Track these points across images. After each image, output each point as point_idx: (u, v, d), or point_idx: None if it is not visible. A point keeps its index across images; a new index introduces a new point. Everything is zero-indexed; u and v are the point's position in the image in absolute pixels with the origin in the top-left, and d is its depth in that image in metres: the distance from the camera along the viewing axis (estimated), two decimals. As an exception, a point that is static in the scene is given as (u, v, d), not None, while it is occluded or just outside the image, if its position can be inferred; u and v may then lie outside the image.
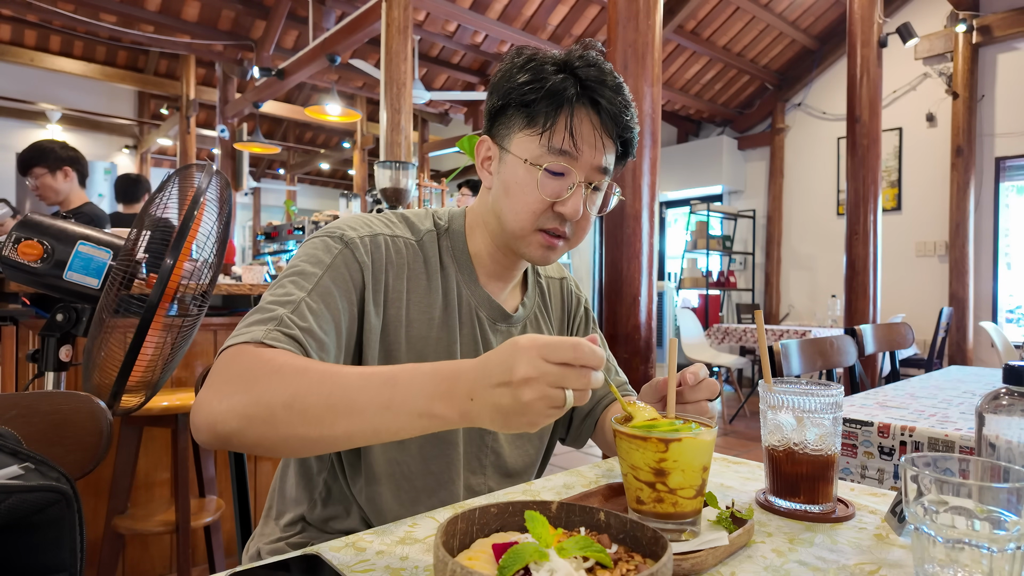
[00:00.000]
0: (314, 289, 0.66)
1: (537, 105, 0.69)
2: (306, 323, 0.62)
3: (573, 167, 0.70)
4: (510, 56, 0.74)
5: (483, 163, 0.77)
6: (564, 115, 0.69)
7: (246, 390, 0.54)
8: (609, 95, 0.70)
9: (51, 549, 0.47)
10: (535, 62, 0.71)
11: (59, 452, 0.65)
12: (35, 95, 6.97)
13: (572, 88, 0.69)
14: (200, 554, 1.83)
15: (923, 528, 0.43)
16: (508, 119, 0.73)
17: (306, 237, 0.73)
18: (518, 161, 0.71)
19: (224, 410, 0.54)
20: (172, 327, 1.20)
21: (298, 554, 0.50)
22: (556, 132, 0.69)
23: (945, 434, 1.01)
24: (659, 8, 2.33)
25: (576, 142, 0.69)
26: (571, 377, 0.46)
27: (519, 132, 0.71)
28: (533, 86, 0.69)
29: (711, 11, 5.42)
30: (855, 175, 3.62)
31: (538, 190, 0.70)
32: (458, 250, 0.78)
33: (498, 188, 0.74)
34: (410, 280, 0.74)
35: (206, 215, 1.13)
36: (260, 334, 0.59)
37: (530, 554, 0.38)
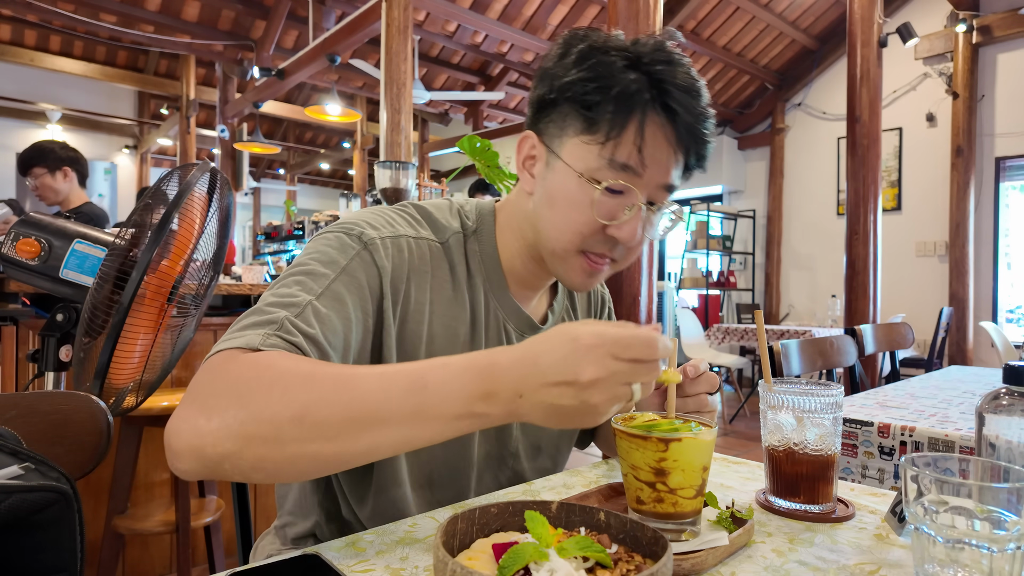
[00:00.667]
0: (324, 293, 0.56)
1: (600, 108, 0.58)
2: (312, 329, 0.53)
3: (635, 185, 0.60)
4: (565, 40, 0.62)
5: (525, 163, 0.67)
6: (634, 124, 0.58)
7: (241, 404, 0.45)
8: (689, 102, 0.59)
9: (51, 549, 0.47)
10: (600, 52, 0.59)
11: (59, 452, 0.65)
12: (35, 95, 6.97)
13: (646, 91, 0.58)
14: (200, 554, 1.83)
15: (923, 528, 0.43)
16: (561, 118, 0.62)
17: (318, 232, 0.63)
18: (570, 172, 0.61)
19: (214, 429, 0.45)
20: (172, 327, 1.20)
21: (298, 554, 0.50)
22: (622, 144, 0.58)
23: (945, 434, 1.01)
24: (659, 8, 2.33)
25: (644, 158, 0.59)
26: (642, 372, 0.43)
27: (574, 136, 0.61)
28: (597, 84, 0.58)
29: (711, 11, 5.42)
30: (855, 175, 3.62)
31: (591, 209, 0.60)
32: (487, 255, 0.69)
33: (541, 197, 0.64)
34: (434, 290, 0.65)
35: (198, 211, 1.13)
36: (256, 339, 0.50)
37: (530, 554, 0.38)
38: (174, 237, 1.10)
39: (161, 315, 1.11)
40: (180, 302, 1.17)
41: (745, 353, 5.32)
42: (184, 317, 1.22)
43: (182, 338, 1.26)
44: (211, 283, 1.25)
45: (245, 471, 0.46)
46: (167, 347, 1.23)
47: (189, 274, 1.19)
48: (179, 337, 1.26)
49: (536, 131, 0.66)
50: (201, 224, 1.18)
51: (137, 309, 1.03)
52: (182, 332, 1.24)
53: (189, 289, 1.18)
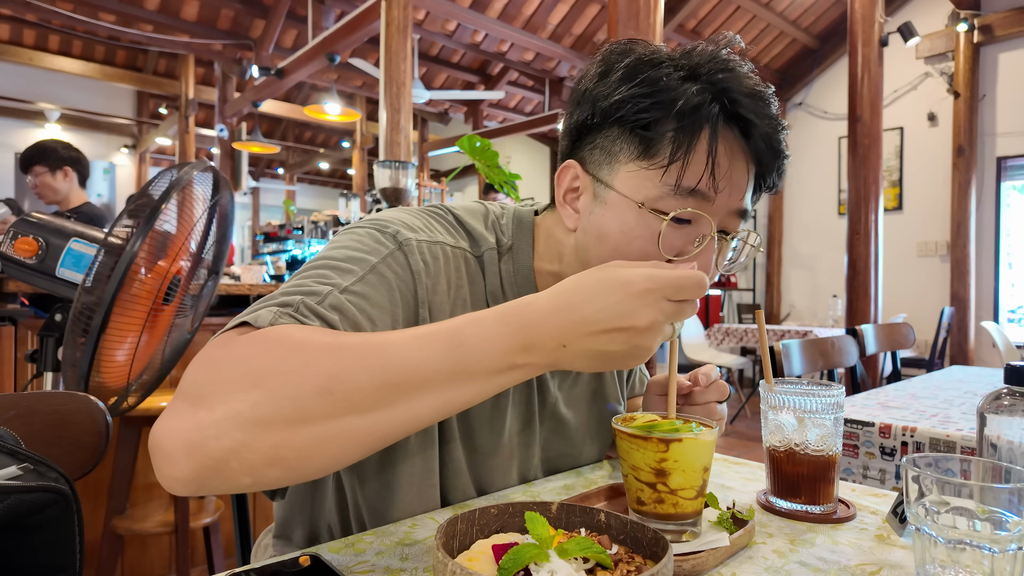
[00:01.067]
0: (348, 289, 0.50)
1: (660, 127, 0.52)
2: (330, 317, 0.47)
3: (707, 212, 0.53)
4: (606, 54, 0.56)
5: (565, 196, 0.59)
6: (702, 141, 0.51)
7: (252, 383, 0.39)
8: (762, 109, 0.52)
9: (50, 549, 0.47)
10: (650, 65, 0.53)
11: (58, 452, 0.65)
12: (34, 94, 6.97)
13: (713, 104, 0.51)
14: (199, 555, 1.83)
15: (924, 529, 0.43)
16: (609, 143, 0.55)
17: (347, 226, 0.58)
18: (627, 203, 0.53)
19: (218, 419, 0.38)
20: (170, 327, 1.20)
21: (298, 554, 0.50)
22: (691, 166, 0.51)
23: (946, 434, 1.01)
24: (659, 7, 2.33)
25: (717, 180, 0.52)
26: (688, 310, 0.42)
27: (628, 162, 0.54)
28: (654, 100, 0.51)
29: (712, 10, 5.42)
30: (856, 175, 3.62)
31: (657, 245, 0.52)
32: (521, 276, 0.63)
33: (589, 233, 0.57)
34: (466, 307, 0.60)
35: (192, 209, 1.12)
36: (265, 317, 0.44)
37: (530, 555, 0.38)
38: (169, 237, 1.10)
39: (155, 314, 1.11)
40: (176, 302, 1.17)
41: (746, 353, 5.32)
42: (182, 318, 1.22)
43: (180, 339, 1.26)
44: (207, 283, 1.25)
45: (257, 467, 0.38)
46: (164, 347, 1.22)
47: (187, 274, 1.19)
48: (177, 338, 1.25)
49: (578, 160, 0.58)
50: (205, 224, 1.18)
51: (131, 308, 1.03)
52: (180, 332, 1.24)
53: (188, 289, 1.18)
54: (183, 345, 1.30)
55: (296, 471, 0.40)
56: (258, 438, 0.38)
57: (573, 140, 0.59)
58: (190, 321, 1.26)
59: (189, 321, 1.26)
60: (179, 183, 1.04)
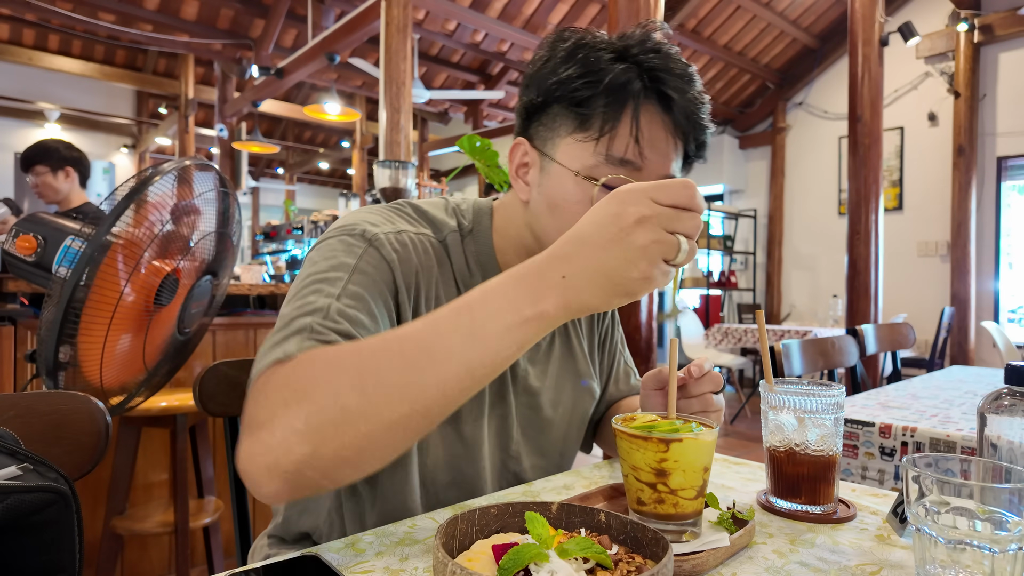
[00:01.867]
0: (342, 294, 0.54)
1: (592, 103, 0.57)
2: (343, 326, 0.52)
3: (635, 179, 0.58)
4: (551, 41, 0.61)
5: (518, 171, 0.65)
6: (628, 115, 0.57)
7: (299, 402, 0.43)
8: (682, 87, 0.57)
9: (49, 550, 0.47)
10: (586, 48, 0.58)
11: (57, 452, 0.65)
12: (33, 94, 6.97)
13: (637, 80, 0.57)
14: (199, 555, 1.83)
15: (924, 529, 0.43)
16: (552, 119, 0.61)
17: (319, 238, 0.62)
18: (566, 173, 0.59)
19: (281, 438, 0.43)
20: (158, 326, 1.19)
21: (298, 554, 0.50)
22: (618, 137, 0.57)
23: (947, 434, 1.01)
24: (659, 7, 2.33)
25: (642, 149, 0.57)
26: (685, 220, 0.42)
27: (567, 136, 0.60)
28: (587, 79, 0.57)
29: (712, 10, 5.42)
30: (856, 174, 3.62)
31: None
32: (484, 255, 0.68)
33: (539, 204, 0.62)
34: (441, 286, 0.64)
35: (186, 207, 1.11)
36: (292, 348, 0.49)
37: (530, 555, 0.38)
38: (170, 236, 1.09)
39: (135, 312, 1.10)
40: (178, 303, 1.17)
41: (746, 353, 5.32)
42: (182, 324, 1.22)
43: (174, 340, 1.26)
44: (198, 283, 1.23)
45: (329, 470, 0.44)
46: (169, 347, 1.22)
47: (186, 273, 1.19)
48: (178, 339, 1.25)
49: (527, 137, 0.64)
50: (215, 224, 1.18)
51: (102, 302, 1.02)
52: (180, 333, 1.24)
53: (181, 288, 1.17)
54: (180, 346, 1.29)
55: (364, 464, 0.45)
56: (320, 445, 0.43)
57: (524, 120, 0.64)
58: (190, 319, 1.25)
59: (189, 319, 1.25)
60: (156, 173, 1.03)
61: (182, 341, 1.29)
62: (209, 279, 1.27)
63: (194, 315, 1.27)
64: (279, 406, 0.44)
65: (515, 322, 0.44)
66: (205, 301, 1.29)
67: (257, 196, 9.68)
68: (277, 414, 0.44)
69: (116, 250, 1.02)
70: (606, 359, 0.85)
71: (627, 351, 0.89)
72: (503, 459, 0.72)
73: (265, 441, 0.43)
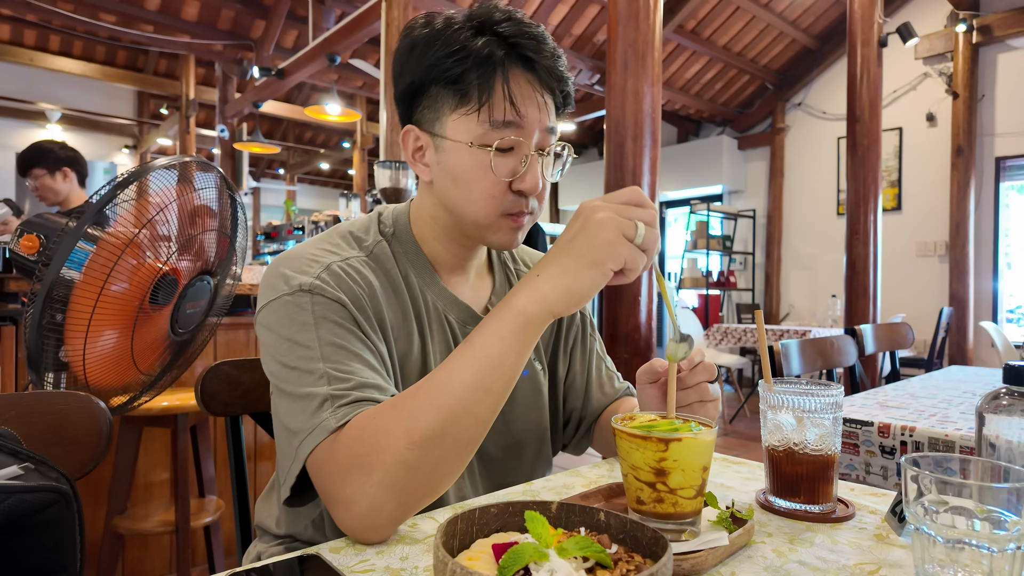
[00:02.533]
0: (323, 349, 0.59)
1: (466, 77, 0.61)
2: (349, 381, 0.57)
3: (522, 137, 0.63)
4: (410, 28, 0.65)
5: (414, 155, 0.69)
6: (499, 82, 0.61)
7: (370, 470, 0.51)
8: (538, 47, 0.63)
9: (50, 549, 0.47)
10: (450, 28, 0.63)
11: (58, 452, 0.65)
12: (34, 95, 6.97)
13: (499, 49, 0.62)
14: (200, 554, 1.83)
15: (923, 528, 0.43)
16: (433, 101, 0.64)
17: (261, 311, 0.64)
18: (460, 146, 0.63)
19: (368, 507, 0.51)
20: (146, 324, 1.19)
21: (298, 554, 0.50)
22: (495, 103, 0.62)
23: (945, 434, 1.01)
24: (659, 8, 2.33)
25: (519, 108, 0.62)
26: (637, 211, 0.51)
27: (451, 113, 0.64)
28: (456, 57, 0.61)
29: (711, 11, 5.42)
30: (855, 175, 3.62)
31: (492, 172, 0.63)
32: (411, 252, 0.72)
33: (443, 180, 0.66)
34: (383, 297, 0.67)
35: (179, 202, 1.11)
36: (332, 422, 0.55)
37: (530, 554, 0.38)
38: (160, 235, 1.09)
39: (135, 313, 1.10)
40: (161, 301, 1.16)
41: (745, 353, 5.32)
42: (176, 324, 1.21)
43: (179, 341, 1.26)
44: (193, 281, 1.22)
45: (416, 504, 0.54)
46: (160, 348, 1.22)
47: (182, 273, 1.19)
48: (175, 339, 1.25)
49: (415, 123, 0.68)
50: (228, 223, 1.17)
51: (84, 297, 1.02)
52: (174, 333, 1.24)
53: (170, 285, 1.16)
54: (179, 346, 1.29)
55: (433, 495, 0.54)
56: (398, 496, 0.52)
57: (404, 108, 0.68)
58: (181, 322, 1.24)
59: (182, 322, 1.24)
60: (149, 168, 1.03)
61: (180, 342, 1.28)
62: (208, 280, 1.27)
63: (191, 315, 1.26)
64: (351, 481, 0.52)
65: (505, 331, 0.52)
66: (204, 302, 1.29)
67: (258, 196, 9.68)
68: (354, 488, 0.52)
69: (104, 246, 1.02)
70: (580, 366, 0.86)
71: (608, 358, 0.90)
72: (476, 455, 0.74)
73: (356, 513, 0.52)
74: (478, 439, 0.54)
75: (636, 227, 0.50)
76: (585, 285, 0.51)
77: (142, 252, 1.09)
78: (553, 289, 0.51)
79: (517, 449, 0.79)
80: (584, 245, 0.51)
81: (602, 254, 0.50)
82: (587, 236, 0.51)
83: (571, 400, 0.87)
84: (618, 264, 0.51)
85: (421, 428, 0.52)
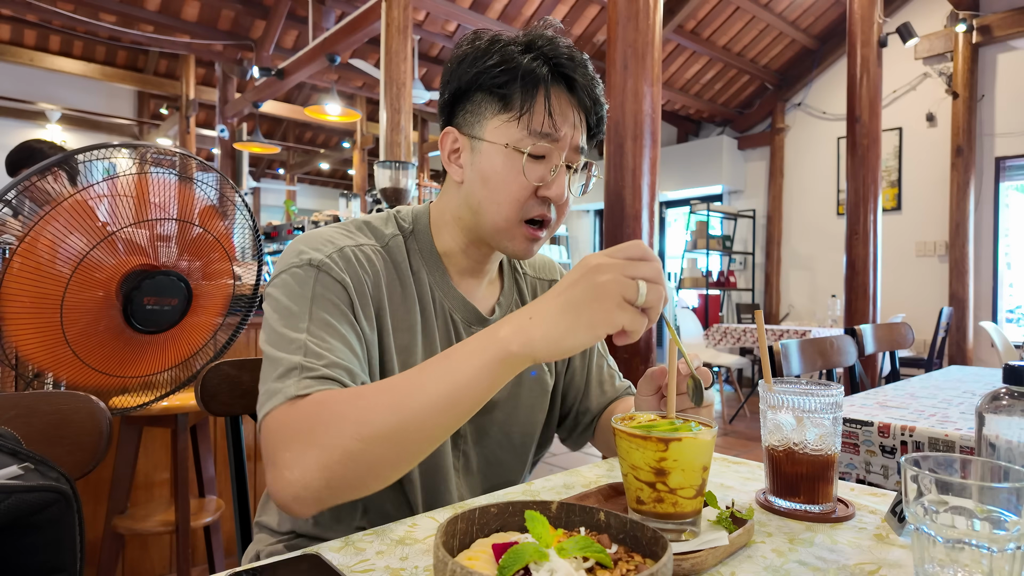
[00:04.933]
0: (311, 324, 0.62)
1: (511, 88, 0.67)
2: (324, 359, 0.59)
3: (554, 147, 0.68)
4: (468, 41, 0.71)
5: (450, 156, 0.73)
6: (541, 95, 0.67)
7: (311, 444, 0.52)
8: (580, 71, 0.69)
9: (51, 549, 0.47)
10: (500, 44, 0.69)
11: (59, 452, 0.65)
12: (35, 95, 6.97)
13: (544, 67, 0.67)
14: (200, 554, 1.83)
15: (923, 528, 0.43)
16: (476, 106, 0.70)
17: (271, 277, 0.69)
18: (496, 147, 0.68)
19: (299, 477, 0.52)
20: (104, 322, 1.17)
21: (298, 554, 0.50)
22: (535, 114, 0.67)
23: (945, 434, 1.01)
24: (659, 8, 2.33)
25: (555, 122, 0.67)
26: (642, 266, 0.50)
27: (492, 118, 0.69)
28: (504, 68, 0.67)
29: (711, 11, 5.42)
30: (855, 175, 3.62)
31: (523, 175, 0.67)
32: (426, 251, 0.75)
33: (474, 180, 0.71)
34: (387, 287, 0.71)
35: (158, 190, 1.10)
36: (291, 389, 0.57)
37: (530, 554, 0.38)
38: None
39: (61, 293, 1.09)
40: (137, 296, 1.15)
41: (745, 353, 5.32)
42: (132, 317, 1.19)
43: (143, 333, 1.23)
44: (153, 276, 1.20)
45: (345, 490, 0.54)
46: (109, 337, 1.19)
47: (122, 263, 1.17)
48: (131, 333, 1.22)
49: (455, 126, 0.72)
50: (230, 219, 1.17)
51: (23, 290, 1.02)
52: (130, 326, 1.21)
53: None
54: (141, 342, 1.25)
55: (373, 485, 0.55)
56: (331, 479, 0.52)
57: (448, 112, 0.73)
58: (139, 316, 1.22)
59: (139, 316, 1.21)
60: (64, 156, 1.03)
61: (145, 335, 1.24)
62: (175, 277, 1.25)
63: (154, 312, 1.23)
64: (293, 448, 0.53)
65: (484, 362, 0.51)
66: (176, 300, 1.26)
67: (258, 196, 9.66)
68: (292, 455, 0.53)
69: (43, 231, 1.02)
70: (580, 363, 0.88)
71: (609, 357, 0.91)
72: (453, 438, 0.75)
73: (287, 478, 0.53)
74: (424, 452, 0.55)
75: (638, 288, 0.49)
76: (575, 343, 0.50)
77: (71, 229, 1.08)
78: (543, 338, 0.50)
79: (519, 450, 0.80)
80: (584, 305, 0.49)
81: (599, 319, 0.49)
82: (587, 296, 0.49)
83: (570, 397, 0.88)
84: (614, 330, 0.50)
85: (373, 425, 0.52)
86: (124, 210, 1.17)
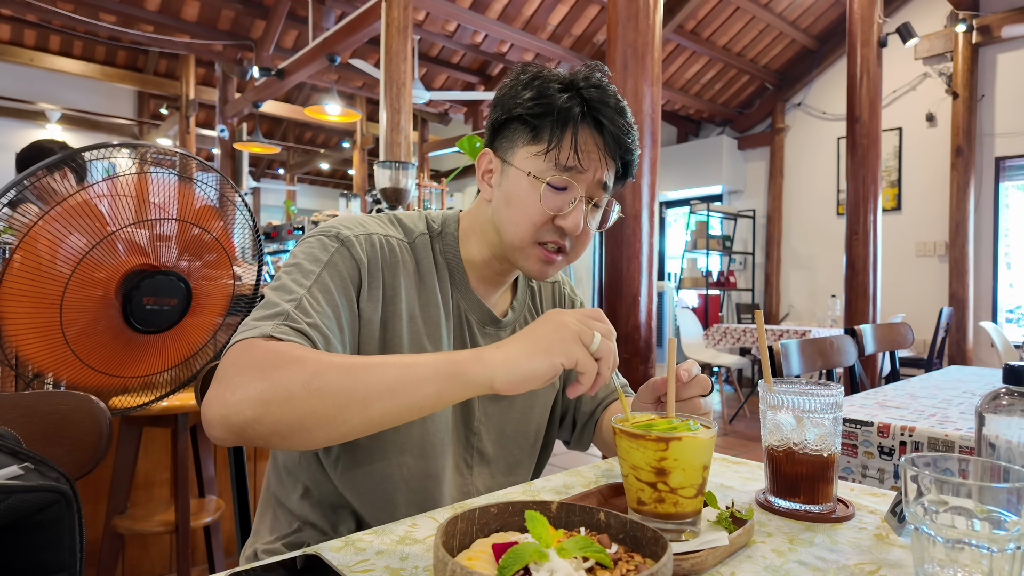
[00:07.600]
0: (314, 285, 0.66)
1: (542, 121, 0.70)
2: (310, 318, 0.63)
3: (576, 182, 0.71)
4: (516, 72, 0.75)
5: (484, 175, 0.78)
6: (569, 134, 0.70)
7: (262, 377, 0.54)
8: (612, 116, 0.71)
9: (51, 549, 0.47)
10: (541, 79, 0.72)
11: (59, 452, 0.65)
12: (35, 95, 6.97)
13: (577, 108, 0.70)
14: (200, 554, 1.83)
15: (923, 528, 0.43)
16: (512, 133, 0.74)
17: (302, 237, 0.74)
18: (521, 174, 0.72)
19: (238, 400, 0.54)
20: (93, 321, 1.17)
21: (298, 554, 0.50)
22: (562, 149, 0.70)
23: (945, 434, 1.01)
24: (659, 8, 2.34)
25: (581, 159, 0.70)
26: (597, 324, 0.56)
27: (523, 147, 0.72)
28: (539, 103, 0.70)
29: (711, 11, 5.42)
30: (855, 175, 3.62)
31: (540, 203, 0.71)
32: (450, 254, 0.79)
33: (499, 200, 0.75)
34: (405, 278, 0.74)
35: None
36: (268, 328, 0.60)
37: (530, 554, 0.38)
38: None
39: (60, 292, 1.09)
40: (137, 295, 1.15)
41: (745, 353, 5.32)
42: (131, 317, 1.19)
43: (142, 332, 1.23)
44: (153, 276, 1.19)
45: (264, 435, 0.55)
46: (108, 336, 1.19)
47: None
48: (130, 333, 1.22)
49: (492, 148, 0.77)
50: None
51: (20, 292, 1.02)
52: (130, 325, 1.21)
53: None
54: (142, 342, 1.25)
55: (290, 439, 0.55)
56: (263, 416, 0.54)
57: (491, 134, 0.77)
58: (138, 316, 1.21)
59: (139, 315, 1.21)
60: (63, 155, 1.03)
61: (144, 335, 1.24)
62: (176, 278, 1.25)
63: (154, 312, 1.23)
64: (245, 375, 0.55)
65: (439, 371, 0.54)
66: (176, 300, 1.26)
67: (258, 196, 9.66)
68: (242, 381, 0.55)
69: (43, 230, 1.02)
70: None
71: None
72: (466, 435, 0.78)
73: (224, 397, 0.55)
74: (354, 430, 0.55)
75: (593, 336, 0.55)
76: (531, 367, 0.53)
77: (70, 229, 1.08)
78: (503, 363, 0.53)
79: (520, 450, 0.82)
80: (542, 336, 0.55)
81: (556, 347, 0.54)
82: (547, 330, 0.55)
83: (565, 398, 0.89)
84: (569, 361, 0.53)
85: (324, 378, 0.54)
86: (124, 210, 1.17)
